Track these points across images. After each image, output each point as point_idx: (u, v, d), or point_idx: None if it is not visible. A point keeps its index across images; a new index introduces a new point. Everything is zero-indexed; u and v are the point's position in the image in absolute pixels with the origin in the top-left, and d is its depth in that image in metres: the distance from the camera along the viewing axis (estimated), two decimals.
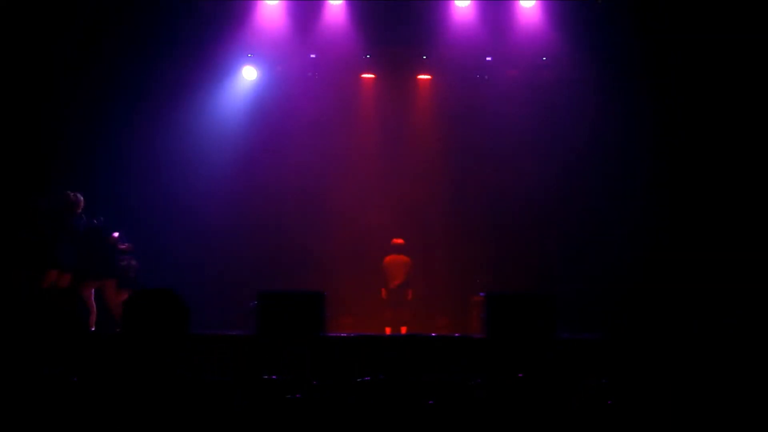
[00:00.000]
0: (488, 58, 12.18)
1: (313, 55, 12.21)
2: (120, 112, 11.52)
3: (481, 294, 9.86)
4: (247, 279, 11.19)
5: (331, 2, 11.42)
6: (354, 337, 8.36)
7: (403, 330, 11.23)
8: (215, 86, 12.21)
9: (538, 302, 8.27)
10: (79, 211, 9.42)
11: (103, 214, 10.03)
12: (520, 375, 6.93)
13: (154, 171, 11.65)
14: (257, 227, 12.18)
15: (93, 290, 9.56)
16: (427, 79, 12.77)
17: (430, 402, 6.50)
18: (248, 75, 12.40)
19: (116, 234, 9.65)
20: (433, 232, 12.34)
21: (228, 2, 11.39)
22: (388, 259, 11.50)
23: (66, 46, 10.98)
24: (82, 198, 9.47)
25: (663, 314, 9.43)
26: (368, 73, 12.72)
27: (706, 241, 10.81)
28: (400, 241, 11.57)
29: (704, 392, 6.69)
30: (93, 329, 9.21)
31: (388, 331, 11.23)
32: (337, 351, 7.65)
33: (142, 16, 11.01)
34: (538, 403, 6.59)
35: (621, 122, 11.65)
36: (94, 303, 9.53)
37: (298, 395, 6.38)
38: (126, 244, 9.77)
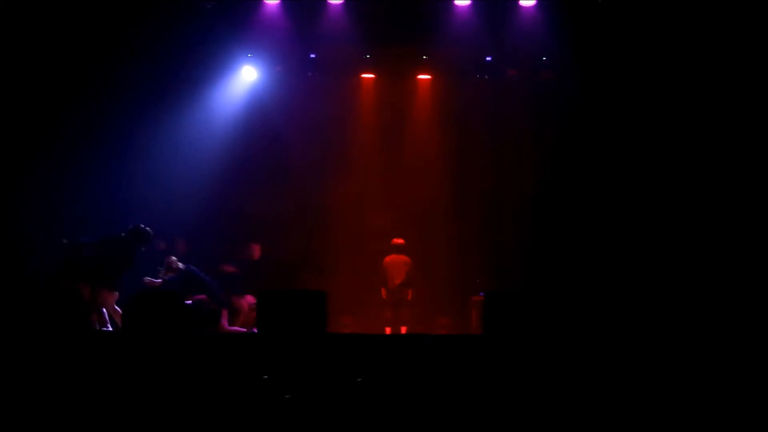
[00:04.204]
0: (488, 58, 12.18)
1: (313, 55, 12.22)
2: (119, 112, 11.53)
3: (481, 294, 9.87)
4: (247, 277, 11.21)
5: (331, 2, 11.42)
6: (354, 336, 8.36)
7: (403, 330, 11.24)
8: (215, 86, 12.21)
9: (538, 300, 8.26)
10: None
11: (103, 214, 10.08)
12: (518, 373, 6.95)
13: (153, 170, 11.65)
14: (257, 227, 12.19)
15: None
16: (427, 79, 12.77)
17: (429, 401, 6.51)
18: (248, 75, 12.40)
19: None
20: (433, 232, 12.34)
21: (228, 2, 11.39)
22: (388, 259, 11.51)
23: (66, 45, 10.99)
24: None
25: (664, 315, 9.43)
26: (368, 73, 12.72)
27: (707, 242, 10.82)
28: (400, 241, 11.57)
29: (704, 391, 6.70)
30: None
31: (388, 331, 11.24)
32: (337, 351, 7.64)
33: (143, 16, 10.99)
34: (537, 401, 6.60)
35: (621, 122, 11.64)
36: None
37: (297, 395, 6.39)
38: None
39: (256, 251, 11.23)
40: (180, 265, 10.20)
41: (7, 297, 8.03)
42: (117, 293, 9.58)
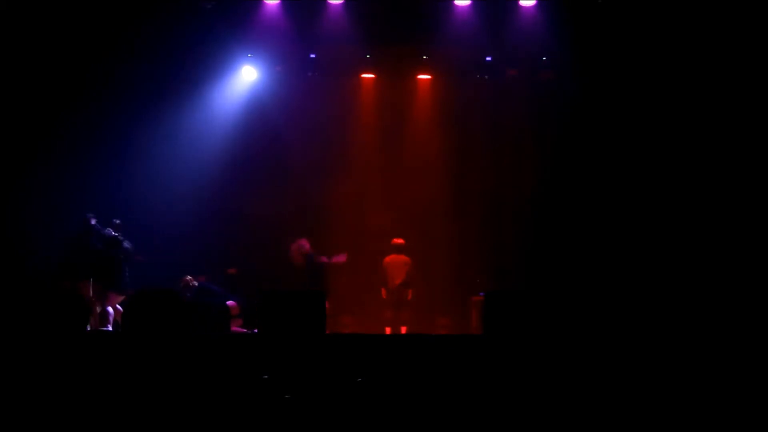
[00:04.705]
0: (488, 58, 12.18)
1: (313, 55, 12.22)
2: (119, 112, 11.54)
3: (481, 294, 9.86)
4: (248, 278, 11.22)
5: (331, 2, 11.42)
6: (354, 336, 8.36)
7: (403, 330, 11.23)
8: (215, 86, 12.21)
9: (538, 300, 8.27)
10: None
11: (103, 213, 10.11)
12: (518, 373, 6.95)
13: (153, 170, 11.66)
14: (257, 227, 12.19)
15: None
16: (427, 79, 12.77)
17: (429, 401, 6.51)
18: (248, 75, 12.41)
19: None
20: (433, 232, 12.34)
21: (228, 2, 11.39)
22: (388, 259, 11.50)
23: (66, 45, 10.99)
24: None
25: (664, 314, 9.43)
26: (368, 73, 12.72)
27: (707, 241, 10.83)
28: (400, 241, 11.56)
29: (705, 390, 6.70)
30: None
31: (388, 331, 11.23)
32: (337, 350, 7.64)
33: (143, 16, 11.00)
34: (537, 400, 6.60)
35: (621, 122, 11.64)
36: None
37: (297, 395, 6.39)
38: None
39: (307, 245, 11.13)
40: (194, 282, 10.37)
41: (7, 297, 8.03)
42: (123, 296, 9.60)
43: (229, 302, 10.37)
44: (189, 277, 10.42)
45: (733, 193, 10.88)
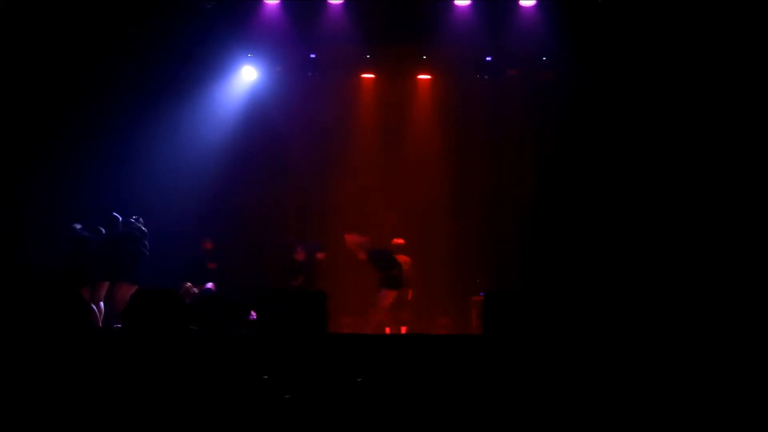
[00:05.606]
0: (488, 58, 12.19)
1: (313, 55, 12.23)
2: (119, 112, 11.54)
3: (481, 294, 9.86)
4: (247, 278, 11.22)
5: (331, 2, 11.42)
6: (354, 336, 8.36)
7: (403, 330, 11.22)
8: (215, 86, 12.22)
9: (538, 300, 8.27)
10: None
11: (103, 213, 10.11)
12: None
13: (153, 170, 11.66)
14: (257, 227, 12.20)
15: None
16: (427, 79, 12.78)
17: (429, 401, 6.51)
18: (248, 75, 12.41)
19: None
20: (433, 232, 12.34)
21: (228, 2, 11.40)
22: None
23: (66, 45, 11.00)
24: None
25: (664, 314, 9.44)
26: (368, 73, 12.73)
27: (708, 241, 10.83)
28: (400, 241, 11.55)
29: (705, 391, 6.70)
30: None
31: (388, 331, 11.23)
32: (337, 351, 7.64)
33: (143, 16, 11.01)
34: (537, 401, 6.60)
35: (621, 122, 11.64)
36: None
37: (297, 395, 6.39)
38: None
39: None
40: (194, 289, 10.38)
41: (7, 297, 8.03)
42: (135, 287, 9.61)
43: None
44: (189, 284, 10.41)
45: (732, 192, 10.88)
